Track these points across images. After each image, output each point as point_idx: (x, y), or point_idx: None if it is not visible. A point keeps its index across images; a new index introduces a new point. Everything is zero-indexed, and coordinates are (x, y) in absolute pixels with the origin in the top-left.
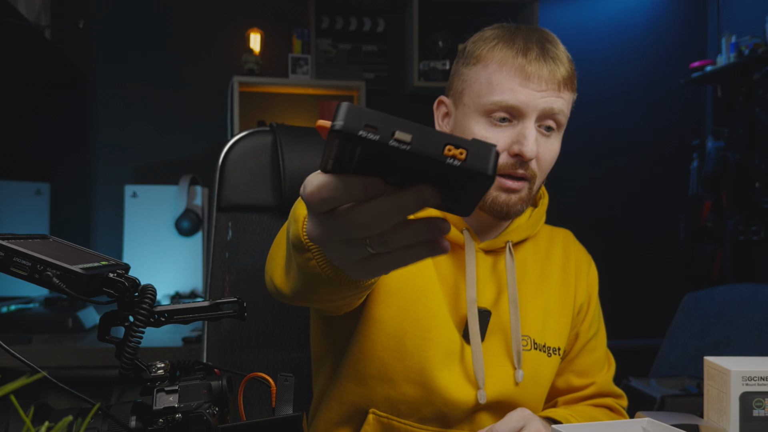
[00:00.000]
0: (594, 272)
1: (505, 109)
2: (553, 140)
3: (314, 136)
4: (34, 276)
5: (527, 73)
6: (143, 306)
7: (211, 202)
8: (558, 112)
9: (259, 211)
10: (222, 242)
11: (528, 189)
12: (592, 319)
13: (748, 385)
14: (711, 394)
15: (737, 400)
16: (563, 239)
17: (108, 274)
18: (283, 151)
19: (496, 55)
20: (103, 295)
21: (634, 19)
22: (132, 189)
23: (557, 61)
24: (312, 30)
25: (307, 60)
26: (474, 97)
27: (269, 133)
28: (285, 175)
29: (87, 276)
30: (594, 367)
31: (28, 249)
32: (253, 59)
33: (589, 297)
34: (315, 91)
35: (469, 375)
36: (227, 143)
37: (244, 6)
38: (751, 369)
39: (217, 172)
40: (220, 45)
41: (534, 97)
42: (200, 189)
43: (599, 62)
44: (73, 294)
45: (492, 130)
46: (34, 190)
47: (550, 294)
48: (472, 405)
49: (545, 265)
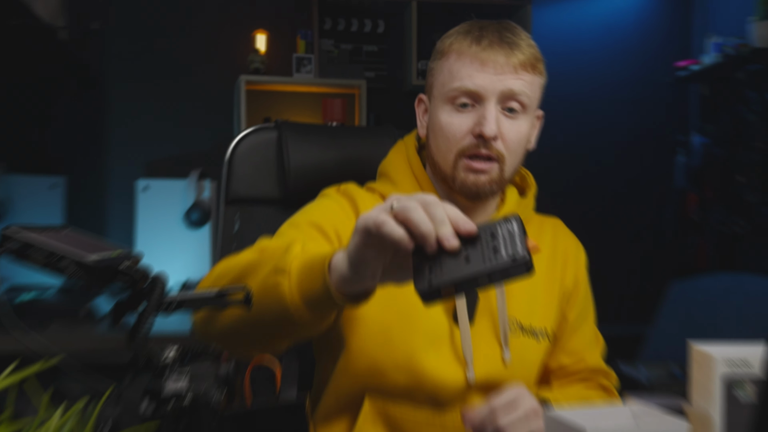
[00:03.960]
0: (583, 257)
1: (466, 94)
2: (520, 121)
3: (316, 133)
4: (49, 266)
5: (482, 59)
6: (154, 294)
7: (219, 195)
8: (519, 93)
9: (264, 204)
10: (229, 233)
11: (498, 170)
12: (581, 301)
13: (731, 370)
14: (696, 378)
15: (721, 385)
16: (552, 227)
17: (121, 264)
18: (287, 147)
19: (454, 46)
20: (117, 283)
21: (622, 21)
22: (144, 183)
23: (513, 47)
24: (315, 31)
25: (311, 60)
26: (440, 88)
27: (274, 129)
28: (289, 169)
29: (100, 266)
30: (584, 346)
31: (44, 239)
32: (259, 59)
33: (578, 281)
34: (318, 89)
35: (459, 355)
36: (234, 139)
37: (250, 8)
38: (734, 355)
39: (225, 166)
40: (228, 45)
41: (491, 81)
42: (209, 182)
43: (589, 61)
44: (87, 283)
45: (456, 115)
46: (49, 184)
47: (538, 279)
48: (463, 385)
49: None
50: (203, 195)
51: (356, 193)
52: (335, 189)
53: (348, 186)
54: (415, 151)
